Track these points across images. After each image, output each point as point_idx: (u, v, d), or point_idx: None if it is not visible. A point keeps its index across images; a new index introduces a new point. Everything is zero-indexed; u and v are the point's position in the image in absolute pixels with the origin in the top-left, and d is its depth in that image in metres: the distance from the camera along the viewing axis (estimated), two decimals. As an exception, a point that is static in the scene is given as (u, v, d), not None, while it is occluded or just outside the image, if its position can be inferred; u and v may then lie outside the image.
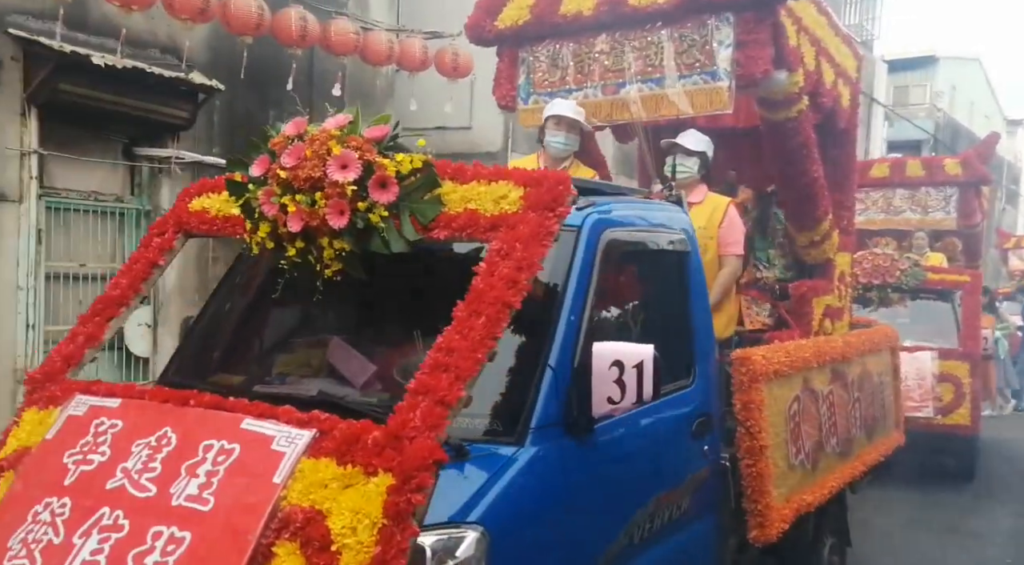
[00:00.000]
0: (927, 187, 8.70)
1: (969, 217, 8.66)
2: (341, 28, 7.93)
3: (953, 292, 7.57)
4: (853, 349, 4.40)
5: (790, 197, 4.64)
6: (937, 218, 8.65)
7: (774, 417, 3.41)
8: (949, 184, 8.68)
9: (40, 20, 6.22)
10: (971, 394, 7.17)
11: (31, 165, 6.27)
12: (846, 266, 5.11)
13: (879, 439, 4.79)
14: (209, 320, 3.20)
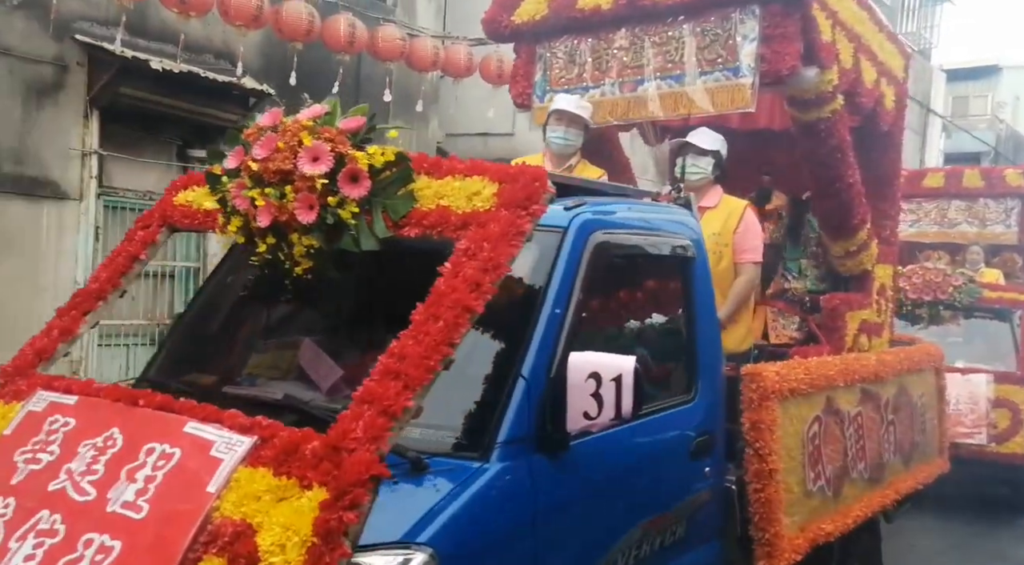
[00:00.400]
0: (986, 198, 8.22)
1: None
2: (388, 34, 8.11)
3: (1012, 311, 7.08)
4: (888, 368, 4.10)
5: (824, 204, 4.38)
6: (996, 232, 8.17)
7: (788, 439, 3.17)
8: (1011, 196, 8.18)
9: (104, 26, 6.52)
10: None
11: (91, 165, 6.59)
12: (887, 279, 4.80)
13: (918, 465, 4.47)
14: (193, 316, 3.13)
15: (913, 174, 8.85)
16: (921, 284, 6.95)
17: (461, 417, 2.25)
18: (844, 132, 4.06)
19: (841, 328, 4.24)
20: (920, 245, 8.35)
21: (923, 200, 8.42)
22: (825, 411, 3.48)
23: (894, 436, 4.13)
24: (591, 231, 2.53)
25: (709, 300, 3.03)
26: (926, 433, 4.63)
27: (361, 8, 8.54)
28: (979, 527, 6.58)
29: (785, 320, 4.36)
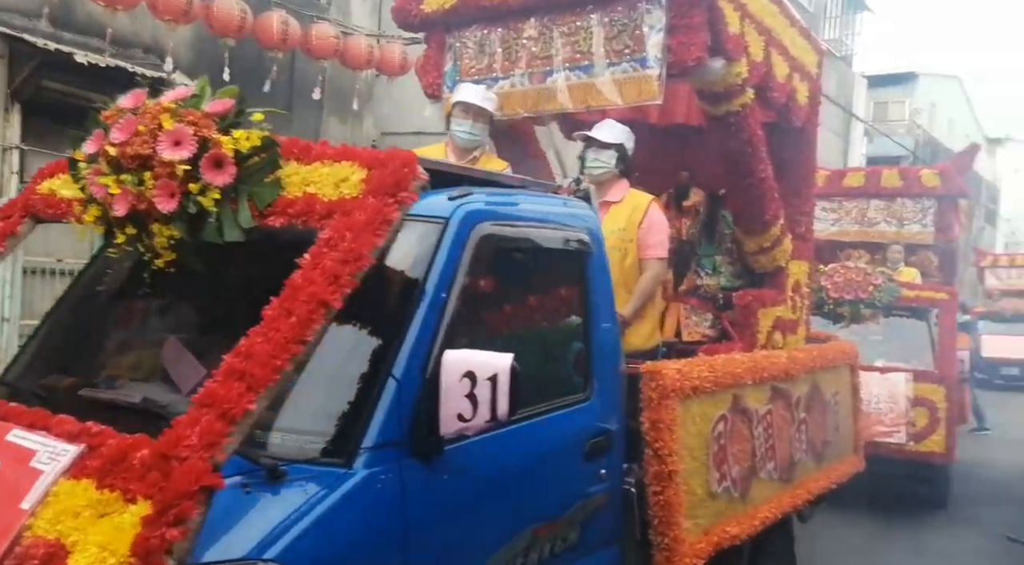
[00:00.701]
0: (903, 198, 8.36)
1: (947, 231, 8.31)
2: (322, 32, 8.05)
3: (929, 310, 7.18)
4: (800, 365, 4.07)
5: (737, 199, 4.34)
6: (913, 231, 8.29)
7: (691, 438, 3.09)
8: (927, 196, 8.32)
9: (26, 18, 6.25)
10: (946, 420, 6.74)
11: (12, 160, 6.33)
12: (802, 275, 4.79)
13: (831, 464, 4.46)
14: (58, 315, 2.90)
15: (834, 173, 8.97)
16: (842, 283, 6.99)
17: (325, 420, 2.10)
18: (755, 126, 4.02)
19: (754, 325, 4.19)
20: (841, 244, 8.46)
21: (844, 199, 8.52)
22: (732, 410, 3.41)
23: (806, 435, 4.11)
24: (476, 222, 2.40)
25: (607, 295, 2.93)
26: (840, 431, 4.62)
27: (295, 5, 8.43)
28: (899, 523, 6.69)
29: (698, 317, 4.30)
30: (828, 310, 6.99)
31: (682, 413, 3.05)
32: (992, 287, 16.31)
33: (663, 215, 3.77)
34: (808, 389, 4.20)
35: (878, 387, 6.58)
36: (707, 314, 4.33)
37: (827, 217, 8.50)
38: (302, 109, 9.82)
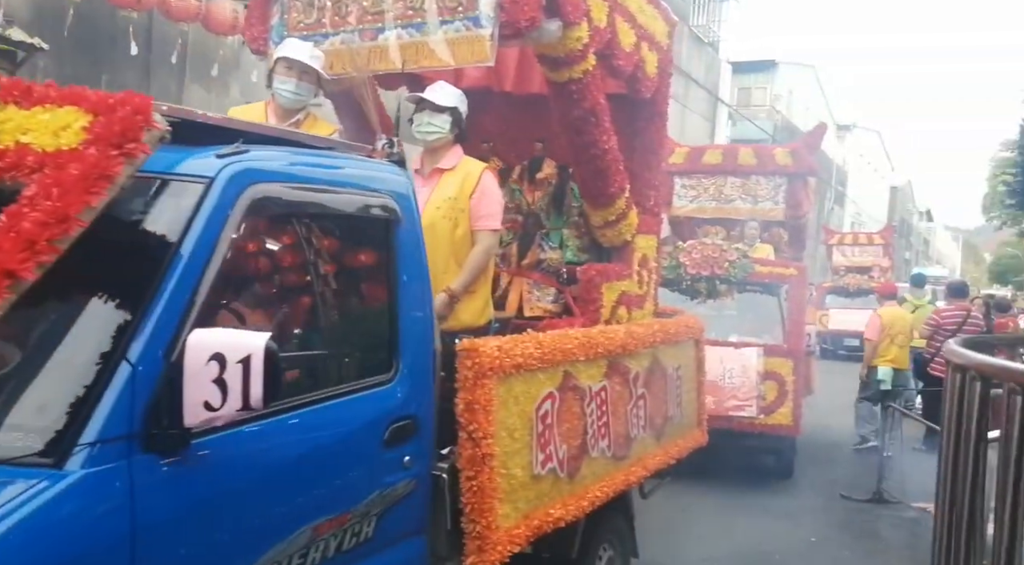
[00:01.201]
0: (758, 176, 8.49)
1: (797, 208, 8.50)
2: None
3: (779, 286, 7.28)
4: (639, 340, 3.96)
5: (582, 171, 4.16)
6: (766, 208, 8.46)
7: (512, 419, 2.90)
8: (779, 174, 8.48)
9: None
10: (794, 393, 6.87)
11: None
12: (650, 250, 4.69)
13: (673, 440, 4.40)
14: None
15: (694, 151, 9.07)
16: (700, 259, 7.03)
17: (38, 414, 1.76)
18: (598, 95, 3.84)
19: (597, 300, 4.05)
20: (700, 220, 8.56)
21: (703, 177, 8.61)
22: (562, 387, 3.25)
23: (645, 410, 4.01)
24: (248, 183, 2.09)
25: (419, 267, 2.68)
26: (683, 406, 4.57)
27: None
28: (748, 489, 6.83)
29: (540, 292, 4.13)
30: (686, 286, 7.04)
31: (502, 392, 2.85)
32: (839, 264, 17.20)
33: (496, 184, 3.54)
34: (648, 364, 4.10)
35: (732, 362, 6.67)
36: (550, 289, 4.16)
37: (686, 194, 8.59)
38: (162, 75, 9.14)
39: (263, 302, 2.20)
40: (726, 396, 6.66)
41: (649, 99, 4.58)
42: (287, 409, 2.10)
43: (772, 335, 7.13)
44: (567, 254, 4.36)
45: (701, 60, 22.30)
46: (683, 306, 6.87)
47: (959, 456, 2.07)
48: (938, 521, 2.24)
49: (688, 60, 21.10)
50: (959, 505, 2.05)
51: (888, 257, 18.21)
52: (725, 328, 7.26)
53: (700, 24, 21.98)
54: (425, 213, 3.35)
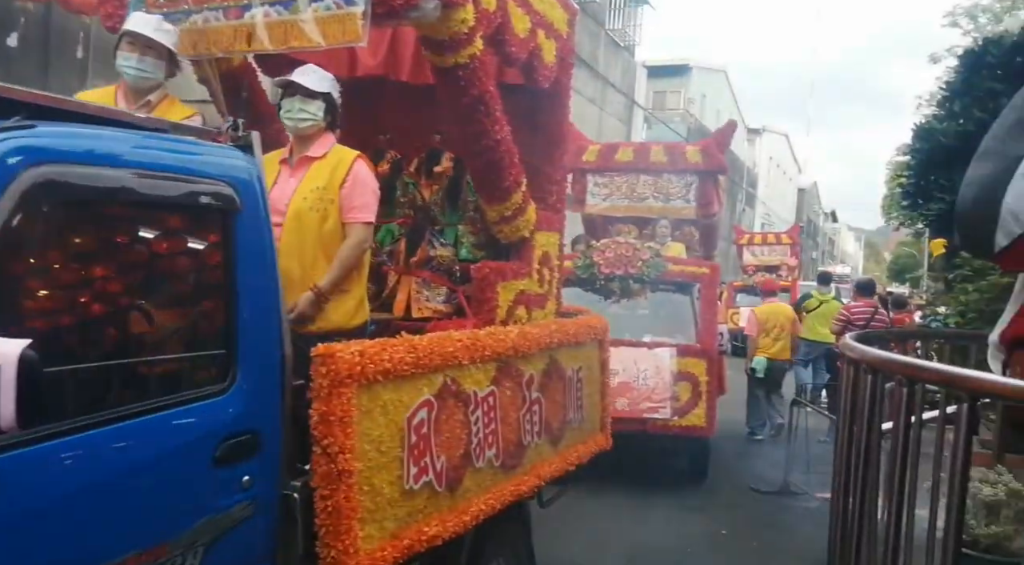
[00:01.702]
0: (669, 174, 8.34)
1: (707, 206, 8.38)
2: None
3: (692, 285, 7.12)
4: (533, 342, 3.71)
5: (474, 164, 3.89)
6: (678, 206, 8.30)
7: (378, 430, 2.61)
8: (690, 171, 8.35)
9: None
10: (707, 394, 6.66)
11: None
12: (551, 247, 4.45)
13: (572, 445, 4.17)
14: None
15: (606, 148, 8.90)
16: (614, 258, 6.84)
17: None
18: (487, 82, 3.58)
19: (492, 299, 3.79)
20: (612, 219, 8.40)
21: (615, 175, 8.42)
22: (442, 394, 2.97)
23: (540, 416, 3.76)
24: (28, 164, 1.75)
25: (262, 262, 2.36)
26: (584, 409, 4.34)
27: (47, -50, 7.21)
28: (660, 487, 6.72)
29: (430, 291, 3.85)
30: (600, 286, 6.81)
31: (366, 402, 2.56)
32: (749, 263, 17.48)
33: (371, 173, 3.24)
34: (545, 367, 3.86)
35: (646, 362, 6.47)
36: (441, 288, 3.89)
37: (599, 192, 8.43)
38: (62, 69, 8.54)
39: (47, 304, 1.85)
40: (640, 398, 6.46)
41: (549, 90, 4.35)
42: (79, 428, 1.77)
43: (685, 335, 6.94)
44: (462, 251, 4.09)
45: (617, 64, 22.47)
46: (596, 306, 6.70)
47: (853, 446, 2.09)
48: (834, 509, 2.26)
49: (605, 64, 21.23)
50: (852, 493, 2.06)
51: (795, 256, 18.57)
52: (638, 328, 7.07)
53: (616, 28, 22.14)
54: (292, 204, 3.04)
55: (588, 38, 20.36)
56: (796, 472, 6.99)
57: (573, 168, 8.89)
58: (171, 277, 2.18)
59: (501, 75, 4.61)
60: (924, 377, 1.75)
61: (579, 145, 8.82)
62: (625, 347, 6.50)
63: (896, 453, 1.81)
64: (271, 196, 3.09)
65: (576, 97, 19.56)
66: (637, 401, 6.45)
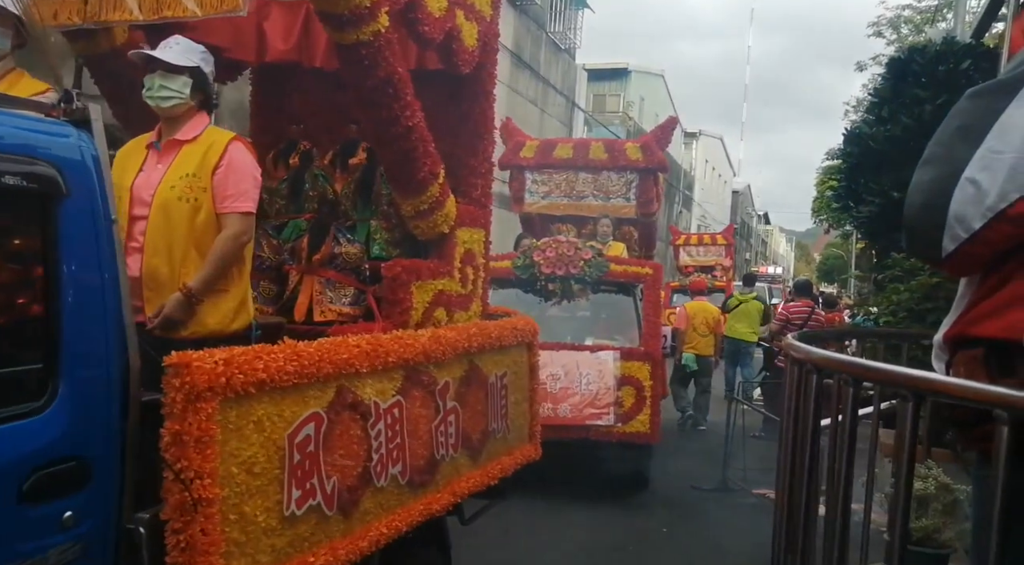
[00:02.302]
0: (609, 171, 8.01)
1: (648, 205, 8.07)
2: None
3: (635, 285, 6.68)
4: (449, 346, 3.33)
5: (385, 153, 3.51)
6: (618, 204, 7.96)
7: (251, 450, 2.20)
8: (630, 169, 8.02)
9: None
10: (652, 398, 6.19)
11: None
12: (476, 245, 4.09)
13: (496, 457, 3.79)
14: None
15: (544, 144, 8.54)
16: (555, 258, 6.44)
17: None
18: (396, 63, 3.20)
19: (404, 301, 3.41)
20: (551, 218, 8.06)
21: (554, 171, 8.07)
22: (334, 406, 2.58)
23: (457, 427, 3.39)
24: None
25: (96, 256, 1.94)
26: (510, 418, 3.98)
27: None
28: (599, 491, 6.36)
29: (335, 292, 3.44)
30: (540, 287, 6.46)
31: (234, 418, 2.15)
32: (685, 263, 17.40)
33: (250, 157, 2.81)
34: (463, 373, 3.48)
35: (588, 367, 6.05)
36: (348, 289, 3.48)
37: (538, 190, 8.08)
38: None
39: None
40: (583, 404, 6.05)
41: (472, 76, 3.99)
42: None
43: (628, 337, 6.47)
44: (373, 248, 3.70)
45: (558, 66, 22.35)
46: (536, 308, 6.30)
47: (797, 443, 2.10)
48: (779, 505, 2.27)
49: (546, 66, 21.14)
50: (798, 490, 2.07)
51: (730, 257, 18.57)
52: (580, 331, 6.70)
53: (557, 31, 22.01)
54: (158, 194, 2.61)
55: (530, 40, 20.19)
56: (733, 468, 6.90)
57: (511, 165, 8.49)
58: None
59: (422, 60, 4.25)
60: (870, 377, 1.72)
61: (517, 141, 8.46)
62: (567, 351, 6.11)
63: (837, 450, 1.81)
64: (136, 185, 2.67)
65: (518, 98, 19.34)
66: (579, 407, 6.02)
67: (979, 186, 1.46)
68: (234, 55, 4.21)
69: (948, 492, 3.11)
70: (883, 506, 2.58)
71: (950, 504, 3.09)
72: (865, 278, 13.97)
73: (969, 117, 1.53)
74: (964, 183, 1.48)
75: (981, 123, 1.49)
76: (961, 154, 1.50)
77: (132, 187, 2.60)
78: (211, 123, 2.80)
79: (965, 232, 1.48)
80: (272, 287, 3.51)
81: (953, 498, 3.09)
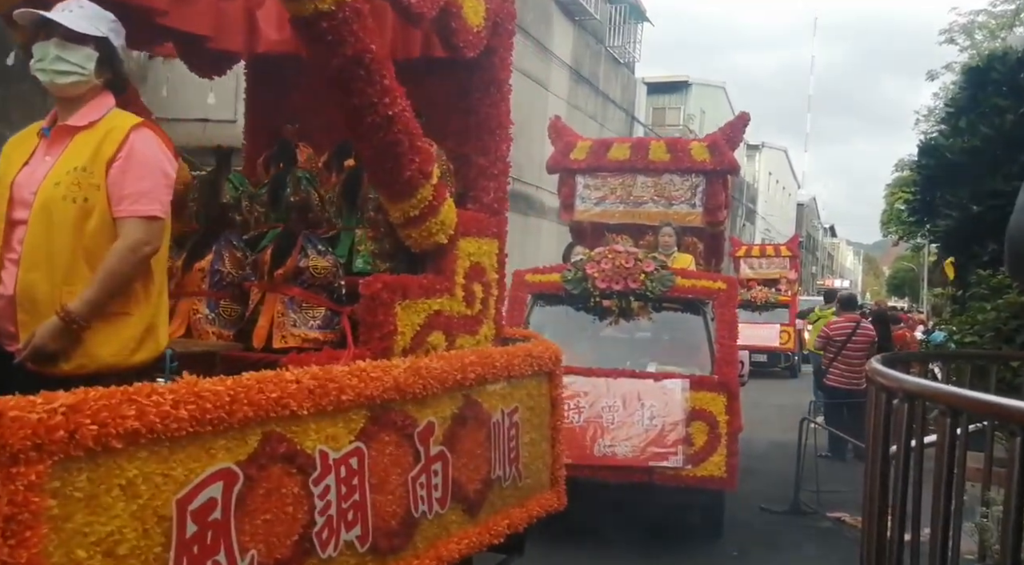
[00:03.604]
0: (671, 174, 6.79)
1: (716, 212, 6.81)
2: None
3: (705, 303, 5.40)
4: (433, 379, 2.65)
5: (364, 148, 2.88)
6: (682, 212, 6.73)
7: (111, 524, 1.59)
8: (695, 172, 6.79)
9: None
10: (728, 436, 4.93)
11: None
12: (486, 257, 3.42)
13: (503, 509, 3.08)
14: None
15: (598, 144, 7.32)
16: (611, 271, 5.35)
17: None
18: (366, 39, 2.56)
19: (386, 324, 2.76)
20: (606, 227, 6.93)
21: (608, 175, 6.90)
22: (256, 459, 1.94)
23: (444, 477, 2.70)
24: None
25: None
26: (522, 463, 3.26)
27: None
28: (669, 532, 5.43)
29: (299, 314, 2.80)
30: (594, 304, 5.41)
31: (83, 485, 1.54)
32: (746, 276, 15.97)
33: (157, 147, 2.16)
34: (455, 411, 2.80)
35: (651, 398, 4.91)
36: (320, 309, 2.84)
37: (590, 196, 6.94)
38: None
39: None
40: (645, 442, 4.90)
41: (480, 63, 3.35)
42: None
43: (698, 364, 5.25)
44: (357, 262, 3.06)
45: (617, 80, 21.66)
46: (589, 329, 5.45)
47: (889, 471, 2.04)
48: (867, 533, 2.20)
49: (605, 80, 20.61)
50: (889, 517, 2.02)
51: (795, 269, 17.20)
52: (640, 355, 5.48)
53: (616, 45, 21.36)
54: (40, 192, 2.03)
55: (589, 55, 19.65)
56: (805, 490, 6.28)
57: (560, 168, 7.32)
58: None
59: (428, 46, 3.64)
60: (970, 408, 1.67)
61: (567, 142, 7.33)
62: (626, 378, 5.05)
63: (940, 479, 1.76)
64: (16, 182, 2.09)
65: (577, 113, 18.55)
66: (641, 445, 4.89)
67: None
68: (220, 45, 3.68)
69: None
70: (972, 535, 2.54)
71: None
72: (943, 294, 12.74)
73: None
74: None
75: None
76: None
77: (12, 184, 2.03)
78: (115, 105, 2.20)
79: None
80: (235, 307, 2.91)
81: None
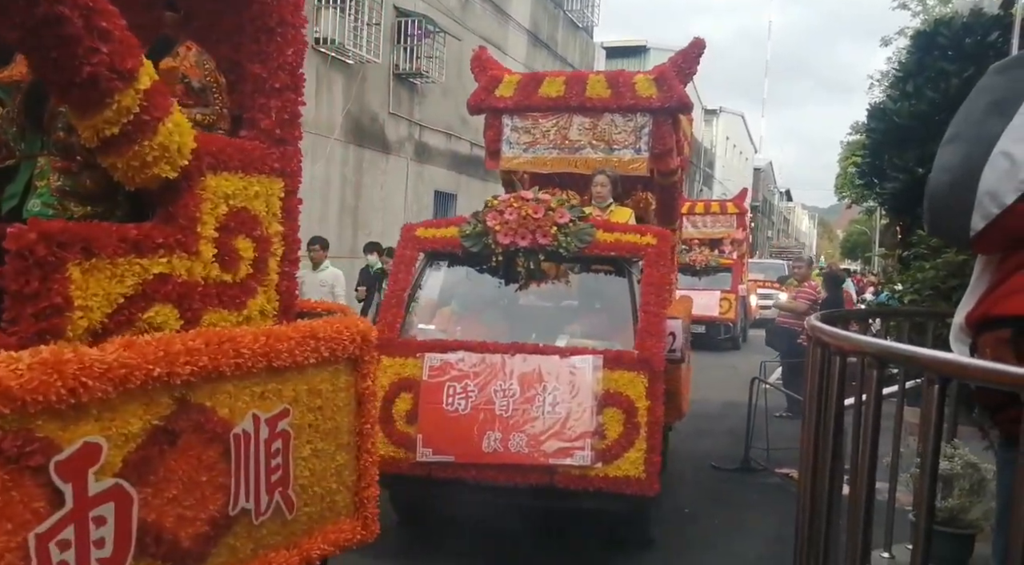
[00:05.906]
0: (612, 113, 5.09)
1: (664, 158, 5.09)
2: None
3: (632, 262, 4.15)
4: (98, 378, 1.62)
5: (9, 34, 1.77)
6: (625, 158, 5.05)
7: None
8: (641, 109, 5.05)
9: None
10: (648, 426, 3.65)
11: None
12: (260, 203, 2.35)
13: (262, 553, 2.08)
14: None
15: (528, 79, 5.50)
16: (516, 222, 4.05)
17: None
18: None
19: (49, 295, 1.73)
20: (542, 179, 5.50)
21: (539, 116, 5.21)
22: None
23: (117, 525, 1.68)
24: None
25: None
26: (298, 485, 2.24)
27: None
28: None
29: None
30: (496, 263, 4.11)
31: None
32: (689, 235, 13.46)
33: None
34: (153, 425, 1.77)
35: (556, 379, 3.71)
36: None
37: (519, 140, 5.28)
38: None
39: None
40: (546, 434, 3.67)
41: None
42: None
43: (621, 337, 4.00)
44: (30, 202, 1.98)
45: (575, 45, 20.52)
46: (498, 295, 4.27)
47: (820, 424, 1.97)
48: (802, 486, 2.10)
49: (563, 44, 19.81)
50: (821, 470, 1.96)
51: (742, 228, 14.60)
52: (554, 326, 4.23)
53: (574, 9, 20.25)
54: None
55: (547, 19, 18.56)
56: (755, 448, 6.05)
57: (483, 106, 5.44)
58: None
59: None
60: (895, 359, 1.63)
61: (492, 75, 5.51)
62: (525, 355, 3.77)
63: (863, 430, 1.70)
64: None
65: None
66: (540, 438, 3.66)
67: (1013, 159, 1.43)
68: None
69: (975, 471, 2.88)
70: (908, 486, 2.49)
71: (977, 483, 2.86)
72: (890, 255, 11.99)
73: (999, 92, 1.49)
74: (996, 157, 1.44)
75: (1012, 97, 1.45)
76: (992, 129, 1.46)
77: None
78: None
79: (998, 208, 1.45)
80: None
81: (980, 477, 2.85)
